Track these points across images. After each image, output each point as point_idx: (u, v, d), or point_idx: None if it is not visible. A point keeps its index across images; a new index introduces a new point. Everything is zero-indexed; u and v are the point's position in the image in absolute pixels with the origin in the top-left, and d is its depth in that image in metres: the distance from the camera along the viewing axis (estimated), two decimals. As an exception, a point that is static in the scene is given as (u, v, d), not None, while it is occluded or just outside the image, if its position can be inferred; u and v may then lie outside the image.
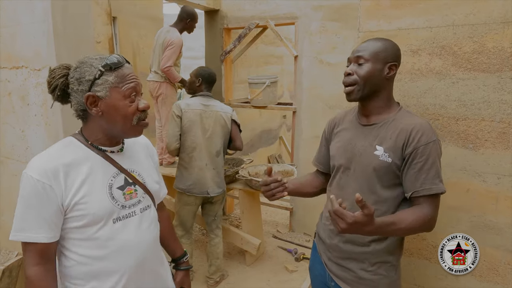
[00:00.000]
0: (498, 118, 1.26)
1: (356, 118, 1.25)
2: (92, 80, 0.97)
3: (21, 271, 2.04)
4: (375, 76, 1.14)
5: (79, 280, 1.01)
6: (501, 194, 1.29)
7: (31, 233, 0.94)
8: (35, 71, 1.61)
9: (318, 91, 3.16)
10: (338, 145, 1.27)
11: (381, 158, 1.12)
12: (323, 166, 1.40)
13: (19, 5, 1.61)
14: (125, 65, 1.01)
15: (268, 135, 5.18)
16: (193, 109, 2.42)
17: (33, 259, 0.96)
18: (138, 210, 1.08)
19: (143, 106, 1.02)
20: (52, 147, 1.03)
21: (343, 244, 1.23)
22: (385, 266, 1.19)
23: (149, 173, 1.15)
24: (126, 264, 1.03)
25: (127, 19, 3.78)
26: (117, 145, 1.09)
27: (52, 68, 1.04)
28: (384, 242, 1.18)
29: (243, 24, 3.43)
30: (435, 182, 1.08)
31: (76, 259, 1.00)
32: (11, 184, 1.94)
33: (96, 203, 0.98)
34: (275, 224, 3.75)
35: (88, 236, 0.99)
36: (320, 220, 1.39)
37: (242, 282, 2.72)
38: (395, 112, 1.18)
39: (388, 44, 1.16)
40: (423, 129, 1.09)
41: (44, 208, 0.94)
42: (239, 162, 3.23)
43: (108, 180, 1.03)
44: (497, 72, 1.25)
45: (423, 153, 1.08)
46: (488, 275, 1.34)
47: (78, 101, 1.00)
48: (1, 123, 1.89)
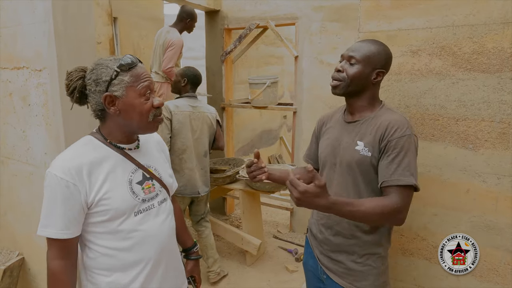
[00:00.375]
0: (498, 118, 1.27)
1: (343, 116, 1.31)
2: (109, 81, 1.02)
3: (22, 271, 2.04)
4: (362, 79, 1.19)
5: (104, 271, 1.07)
6: (501, 194, 1.29)
7: (55, 230, 0.99)
8: (36, 72, 1.61)
9: (319, 91, 3.16)
10: (326, 142, 1.33)
11: (362, 152, 1.18)
12: (313, 162, 1.45)
13: (20, 5, 1.61)
14: (138, 64, 1.06)
15: (268, 136, 5.18)
16: (182, 111, 2.43)
17: (56, 253, 1.02)
18: (156, 203, 1.14)
19: (157, 103, 1.07)
20: (73, 146, 1.08)
21: (333, 237, 1.28)
22: (373, 257, 1.24)
23: (163, 168, 1.21)
24: (148, 254, 1.09)
25: (128, 19, 3.78)
26: (133, 142, 1.14)
27: (69, 71, 1.08)
28: (372, 234, 1.23)
29: (243, 25, 3.43)
30: (405, 174, 1.10)
31: (101, 251, 1.06)
32: (12, 184, 1.94)
33: (118, 198, 1.04)
34: (275, 224, 3.75)
35: (112, 229, 1.05)
36: (312, 216, 1.43)
37: (243, 282, 2.72)
38: (377, 110, 1.23)
39: (382, 50, 1.20)
40: (398, 123, 1.14)
41: (68, 205, 0.99)
42: (239, 163, 3.23)
43: (128, 176, 1.08)
44: (497, 73, 1.25)
45: (396, 145, 1.12)
46: (488, 276, 1.34)
47: (96, 102, 1.05)
48: (2, 123, 1.89)
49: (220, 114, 3.79)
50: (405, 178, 1.09)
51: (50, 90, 1.55)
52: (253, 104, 3.44)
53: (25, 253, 2.02)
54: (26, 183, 1.84)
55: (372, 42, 1.21)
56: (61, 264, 1.02)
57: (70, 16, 1.54)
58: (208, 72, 3.80)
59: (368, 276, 1.24)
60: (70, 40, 1.54)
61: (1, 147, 1.94)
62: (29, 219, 1.89)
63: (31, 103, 1.68)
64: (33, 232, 1.88)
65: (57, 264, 1.02)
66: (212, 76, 3.77)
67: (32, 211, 1.85)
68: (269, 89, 3.30)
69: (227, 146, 3.88)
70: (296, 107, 3.31)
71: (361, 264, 1.24)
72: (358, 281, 1.24)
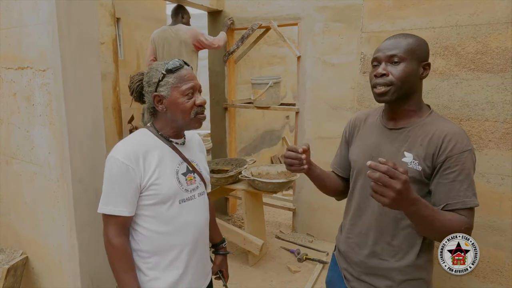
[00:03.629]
0: (501, 118, 1.26)
1: (381, 121, 1.17)
2: (157, 82, 1.17)
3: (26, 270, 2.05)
4: (412, 77, 1.04)
5: (146, 253, 1.18)
6: (505, 195, 1.28)
7: (115, 207, 1.12)
8: (40, 72, 1.62)
9: (321, 91, 3.16)
10: (361, 149, 1.18)
11: (410, 165, 1.04)
12: (343, 171, 1.30)
13: (24, 6, 1.62)
14: (184, 67, 1.18)
15: (271, 136, 5.18)
16: None
17: (116, 231, 1.14)
18: (197, 195, 1.25)
19: (200, 102, 1.18)
20: (131, 135, 1.22)
21: (368, 258, 1.14)
22: (415, 282, 1.10)
23: (203, 165, 1.33)
24: (186, 240, 1.21)
25: (130, 20, 3.80)
26: (181, 138, 1.27)
27: (132, 76, 1.28)
28: (414, 256, 1.08)
29: (246, 25, 3.44)
30: (468, 195, 0.99)
31: (145, 234, 1.17)
32: (16, 184, 1.95)
33: (166, 185, 1.15)
34: (278, 225, 3.75)
35: (158, 213, 1.16)
36: (340, 233, 1.29)
37: (245, 283, 2.72)
38: (426, 116, 1.09)
39: (421, 40, 1.07)
40: (456, 136, 1.01)
41: (126, 186, 1.11)
42: (242, 163, 3.23)
43: (175, 166, 1.21)
44: (500, 73, 1.24)
45: (457, 162, 0.99)
46: (491, 276, 1.34)
47: (149, 100, 1.21)
48: (6, 123, 1.91)
49: (223, 115, 3.80)
50: (469, 199, 1.00)
51: (53, 90, 1.56)
52: (255, 104, 3.44)
53: (28, 252, 2.03)
54: (30, 182, 1.85)
55: (406, 35, 1.07)
56: (123, 240, 1.15)
57: (73, 17, 1.55)
58: (211, 73, 3.81)
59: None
60: (73, 41, 1.55)
61: (6, 147, 1.96)
62: (33, 218, 1.90)
63: (35, 103, 1.69)
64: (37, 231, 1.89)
65: (121, 241, 1.14)
66: (215, 76, 3.78)
67: (35, 211, 1.86)
68: (272, 90, 3.30)
69: (229, 146, 3.88)
70: (298, 108, 3.30)
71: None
72: None
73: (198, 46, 3.11)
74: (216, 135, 3.89)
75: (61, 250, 1.72)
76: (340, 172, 1.32)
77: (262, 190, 2.87)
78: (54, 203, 1.70)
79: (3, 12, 1.73)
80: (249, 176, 2.89)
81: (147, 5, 3.98)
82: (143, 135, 1.21)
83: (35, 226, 1.91)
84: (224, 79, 3.70)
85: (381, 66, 1.06)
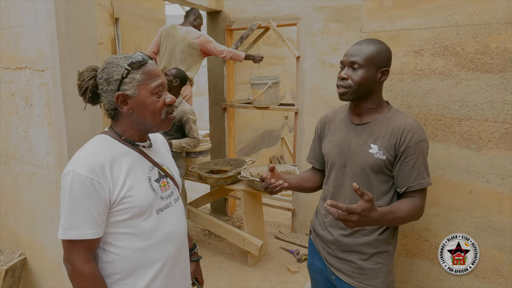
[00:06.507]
0: (501, 118, 1.26)
1: (348, 117, 1.30)
2: (120, 79, 1.00)
3: (24, 271, 2.04)
4: (369, 82, 1.19)
5: (120, 274, 1.03)
6: (505, 195, 1.28)
7: (81, 231, 0.95)
8: (39, 72, 1.61)
9: (320, 92, 3.16)
10: (332, 143, 1.31)
11: (376, 155, 1.19)
12: (318, 163, 1.43)
13: (23, 6, 1.61)
14: (149, 62, 1.04)
15: (270, 136, 5.18)
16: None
17: (83, 257, 0.97)
18: (173, 201, 1.13)
19: (169, 101, 1.06)
20: (90, 144, 1.05)
21: (343, 237, 1.28)
22: (384, 255, 1.26)
23: (173, 167, 1.21)
24: (167, 253, 1.08)
25: (129, 20, 3.79)
26: (146, 140, 1.13)
27: (81, 71, 1.06)
28: (382, 232, 1.24)
29: (245, 25, 3.43)
30: (424, 177, 1.18)
31: (119, 253, 1.02)
32: (15, 184, 1.94)
33: (141, 196, 1.02)
34: (277, 225, 3.75)
35: (133, 229, 1.02)
36: (316, 217, 1.42)
37: (244, 283, 2.71)
38: (386, 112, 1.24)
39: (382, 48, 1.19)
40: (413, 129, 1.17)
41: (92, 204, 0.96)
42: (241, 163, 3.22)
43: (147, 173, 1.07)
44: (500, 73, 1.24)
45: (414, 151, 1.16)
46: (491, 277, 1.34)
47: (109, 101, 1.03)
48: (5, 123, 1.90)
49: (222, 115, 3.79)
50: (425, 180, 1.18)
51: (52, 90, 1.56)
52: (254, 104, 3.44)
53: (27, 253, 2.02)
54: (29, 183, 1.84)
55: (369, 42, 1.20)
56: (93, 266, 0.99)
57: (72, 17, 1.54)
58: (210, 73, 3.81)
59: (379, 274, 1.25)
60: (72, 41, 1.55)
61: (4, 147, 1.95)
62: (32, 219, 1.89)
63: (34, 103, 1.68)
64: (35, 232, 1.88)
65: (91, 267, 0.98)
66: (214, 76, 3.77)
67: (34, 211, 1.86)
68: (271, 90, 3.30)
69: (228, 146, 3.88)
70: (297, 108, 3.30)
71: (372, 262, 1.25)
72: (369, 280, 1.24)
73: (206, 52, 3.19)
74: (215, 135, 3.88)
75: (60, 251, 1.71)
76: (317, 165, 1.45)
77: (261, 191, 2.86)
78: (52, 204, 1.70)
79: (1, 11, 1.73)
80: (248, 176, 2.89)
81: (146, 5, 3.97)
82: (103, 142, 1.05)
83: (33, 227, 1.90)
84: (223, 79, 3.70)
85: (344, 70, 1.22)
